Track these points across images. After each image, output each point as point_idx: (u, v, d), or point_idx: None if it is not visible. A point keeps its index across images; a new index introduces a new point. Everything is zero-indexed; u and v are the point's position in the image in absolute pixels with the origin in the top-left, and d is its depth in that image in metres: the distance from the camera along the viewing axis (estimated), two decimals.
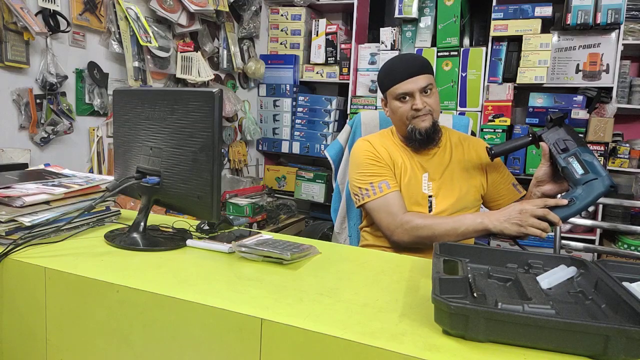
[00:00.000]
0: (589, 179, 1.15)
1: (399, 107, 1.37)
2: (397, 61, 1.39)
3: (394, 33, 2.97)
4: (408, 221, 1.29)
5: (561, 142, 1.22)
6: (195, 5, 2.50)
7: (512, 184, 1.46)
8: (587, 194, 1.15)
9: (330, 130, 3.22)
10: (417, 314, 0.77)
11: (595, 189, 1.14)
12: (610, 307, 0.74)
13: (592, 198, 1.15)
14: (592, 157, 1.18)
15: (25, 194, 1.07)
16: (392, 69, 1.38)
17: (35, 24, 1.80)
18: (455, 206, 1.38)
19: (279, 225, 2.92)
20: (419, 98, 1.34)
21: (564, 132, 1.23)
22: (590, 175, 1.15)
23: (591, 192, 1.15)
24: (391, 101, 1.39)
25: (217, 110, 0.98)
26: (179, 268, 0.96)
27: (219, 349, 0.77)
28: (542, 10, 2.58)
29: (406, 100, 1.36)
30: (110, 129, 2.25)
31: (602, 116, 2.55)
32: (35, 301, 0.95)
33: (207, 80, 2.68)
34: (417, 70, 1.34)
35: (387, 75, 1.39)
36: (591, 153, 1.19)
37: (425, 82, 1.34)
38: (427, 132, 1.36)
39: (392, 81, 1.37)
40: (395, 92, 1.36)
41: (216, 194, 1.01)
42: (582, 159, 1.18)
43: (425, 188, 1.39)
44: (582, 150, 1.19)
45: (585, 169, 1.17)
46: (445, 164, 1.43)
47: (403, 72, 1.35)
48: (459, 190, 1.40)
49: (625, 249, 2.55)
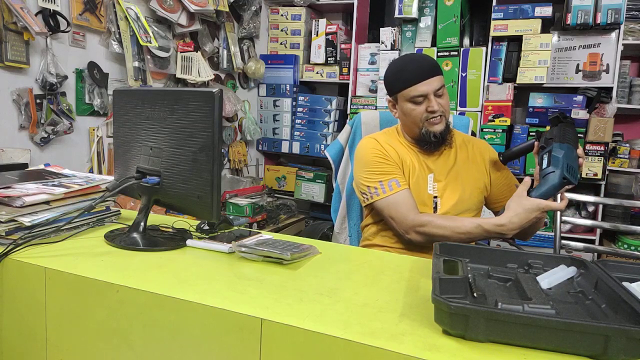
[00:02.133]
0: (548, 172, 1.16)
1: (412, 109, 1.34)
2: (408, 62, 1.37)
3: (394, 33, 2.97)
4: (423, 224, 1.28)
5: (544, 141, 1.24)
6: (195, 5, 2.50)
7: (515, 185, 1.45)
8: (541, 186, 1.17)
9: (330, 130, 3.22)
10: (417, 314, 0.77)
11: (548, 181, 1.15)
12: (610, 307, 0.74)
13: (545, 189, 1.16)
14: (561, 152, 1.17)
15: (25, 194, 1.07)
16: (404, 70, 1.35)
17: (35, 24, 1.80)
18: (458, 207, 1.38)
19: (279, 225, 2.92)
20: (434, 100, 1.33)
21: (555, 131, 1.24)
22: (550, 169, 1.16)
23: (544, 184, 1.16)
24: (403, 103, 1.36)
25: (217, 110, 0.98)
26: (179, 268, 0.96)
27: (219, 349, 0.77)
28: (542, 10, 2.58)
29: (420, 102, 1.33)
30: (110, 129, 2.25)
31: (602, 116, 2.55)
32: (35, 301, 0.95)
33: (207, 80, 2.68)
34: (430, 72, 1.33)
35: (398, 77, 1.36)
36: (566, 148, 1.18)
37: (438, 83, 1.33)
38: (441, 135, 1.36)
39: (405, 83, 1.34)
40: (409, 95, 1.33)
41: (216, 194, 1.01)
42: (552, 154, 1.18)
43: (431, 189, 1.39)
44: (557, 146, 1.19)
45: (549, 162, 1.17)
46: (450, 165, 1.42)
47: (416, 73, 1.32)
48: (463, 192, 1.39)
49: (625, 249, 2.55)
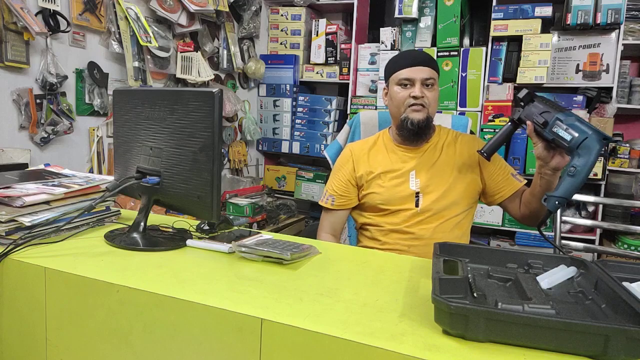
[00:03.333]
0: (580, 141, 1.09)
1: (397, 93, 1.40)
2: (406, 52, 1.46)
3: (394, 33, 2.97)
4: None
5: (539, 117, 1.17)
6: (195, 5, 2.50)
7: (510, 174, 1.44)
8: (585, 158, 1.09)
9: (330, 130, 3.22)
10: (417, 314, 0.77)
11: (591, 149, 1.08)
12: (610, 307, 0.74)
13: (592, 158, 1.08)
14: (573, 119, 1.12)
15: (25, 194, 1.07)
16: (399, 57, 1.43)
17: (35, 24, 1.80)
18: (441, 202, 1.38)
19: (279, 225, 2.92)
20: (418, 87, 1.37)
21: (538, 105, 1.19)
22: (580, 137, 1.09)
23: (589, 154, 1.08)
24: (392, 87, 1.42)
25: (217, 110, 0.98)
26: (179, 268, 0.96)
27: (219, 349, 0.77)
28: (542, 10, 2.58)
29: (406, 87, 1.38)
30: (110, 129, 2.25)
31: (602, 116, 2.55)
32: (35, 301, 0.95)
33: (207, 80, 2.68)
34: (422, 62, 1.38)
35: (393, 64, 1.44)
36: (571, 115, 1.13)
37: (428, 74, 1.37)
38: (419, 124, 1.37)
39: (396, 67, 1.41)
40: (398, 77, 1.39)
41: (216, 194, 1.01)
42: (565, 125, 1.12)
43: (413, 185, 1.41)
44: (561, 116, 1.13)
45: (572, 133, 1.11)
46: (433, 160, 1.43)
47: (409, 59, 1.40)
48: (448, 186, 1.40)
49: (625, 249, 2.55)
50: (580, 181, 1.10)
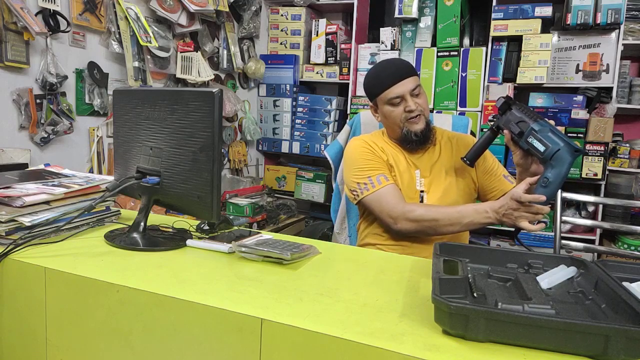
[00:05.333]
0: (552, 152, 1.11)
1: (391, 111, 1.40)
2: (383, 67, 1.42)
3: (394, 33, 2.97)
4: (412, 210, 1.32)
5: (515, 127, 1.19)
6: (195, 5, 2.50)
7: (503, 175, 1.48)
8: (558, 169, 1.12)
9: (330, 130, 3.22)
10: (417, 314, 0.77)
11: (563, 161, 1.11)
12: (610, 307, 0.74)
13: (564, 170, 1.11)
14: (547, 130, 1.13)
15: (25, 194, 1.07)
16: (379, 74, 1.41)
17: (35, 24, 1.80)
18: (444, 200, 1.41)
19: (279, 225, 2.92)
20: (410, 100, 1.37)
21: (515, 114, 1.21)
22: (552, 149, 1.11)
23: (561, 165, 1.11)
24: (382, 106, 1.42)
25: (217, 110, 0.98)
26: (179, 268, 0.96)
27: (219, 349, 0.77)
28: (542, 10, 2.58)
29: (398, 103, 1.38)
30: (110, 129, 2.25)
31: (602, 116, 2.55)
32: (35, 301, 0.95)
33: (207, 80, 2.68)
34: (404, 74, 1.38)
35: (375, 83, 1.42)
36: (545, 125, 1.15)
37: (413, 84, 1.38)
38: (422, 133, 1.40)
39: (382, 87, 1.39)
40: (387, 97, 1.39)
41: (216, 194, 1.01)
42: (540, 135, 1.14)
43: (418, 184, 1.43)
44: (536, 126, 1.15)
45: (545, 144, 1.13)
46: (434, 160, 1.46)
47: (391, 76, 1.38)
48: (448, 185, 1.43)
49: (625, 249, 2.55)
50: (552, 192, 1.13)
